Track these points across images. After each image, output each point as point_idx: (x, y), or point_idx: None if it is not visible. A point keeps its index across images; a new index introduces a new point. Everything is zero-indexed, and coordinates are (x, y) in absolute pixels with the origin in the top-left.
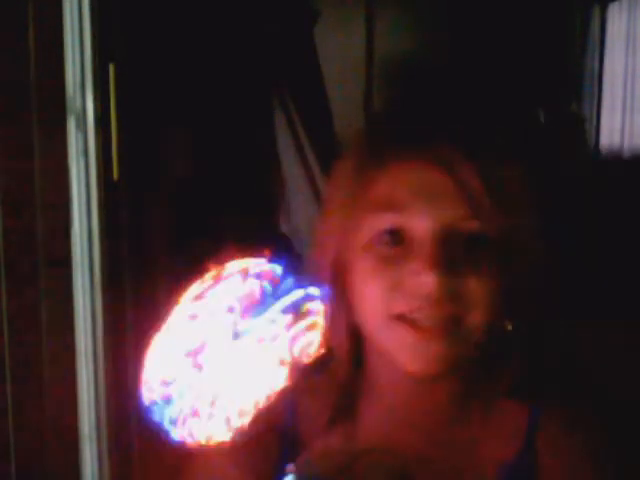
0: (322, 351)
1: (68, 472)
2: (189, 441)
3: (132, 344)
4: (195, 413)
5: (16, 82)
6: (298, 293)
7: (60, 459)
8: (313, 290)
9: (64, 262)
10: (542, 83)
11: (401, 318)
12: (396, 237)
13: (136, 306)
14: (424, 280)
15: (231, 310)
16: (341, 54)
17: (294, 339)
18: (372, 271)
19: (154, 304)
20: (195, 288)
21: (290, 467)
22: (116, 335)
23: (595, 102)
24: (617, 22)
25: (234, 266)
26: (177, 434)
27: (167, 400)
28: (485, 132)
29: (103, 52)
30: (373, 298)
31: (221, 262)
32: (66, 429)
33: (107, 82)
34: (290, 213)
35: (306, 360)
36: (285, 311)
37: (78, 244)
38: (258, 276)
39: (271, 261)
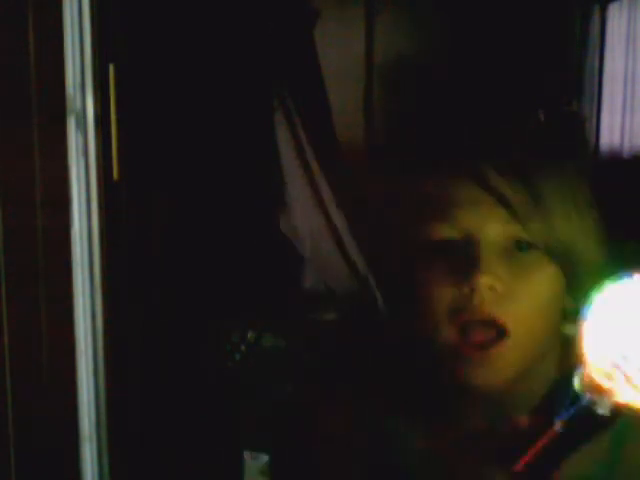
0: None
1: (68, 472)
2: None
3: (132, 344)
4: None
5: (16, 82)
6: None
7: (60, 459)
8: None
9: (64, 262)
10: (542, 83)
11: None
12: (449, 244)
13: (136, 306)
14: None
15: None
16: (341, 54)
17: None
18: (432, 276)
19: (154, 304)
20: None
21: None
22: (116, 335)
23: (595, 102)
24: (617, 22)
25: None
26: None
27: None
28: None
29: (103, 52)
30: (434, 301)
31: None
32: (66, 429)
33: (107, 82)
34: (290, 213)
35: None
36: None
37: (78, 244)
38: None
39: None
